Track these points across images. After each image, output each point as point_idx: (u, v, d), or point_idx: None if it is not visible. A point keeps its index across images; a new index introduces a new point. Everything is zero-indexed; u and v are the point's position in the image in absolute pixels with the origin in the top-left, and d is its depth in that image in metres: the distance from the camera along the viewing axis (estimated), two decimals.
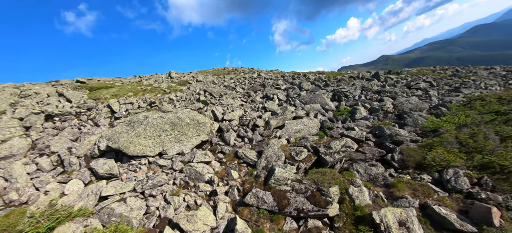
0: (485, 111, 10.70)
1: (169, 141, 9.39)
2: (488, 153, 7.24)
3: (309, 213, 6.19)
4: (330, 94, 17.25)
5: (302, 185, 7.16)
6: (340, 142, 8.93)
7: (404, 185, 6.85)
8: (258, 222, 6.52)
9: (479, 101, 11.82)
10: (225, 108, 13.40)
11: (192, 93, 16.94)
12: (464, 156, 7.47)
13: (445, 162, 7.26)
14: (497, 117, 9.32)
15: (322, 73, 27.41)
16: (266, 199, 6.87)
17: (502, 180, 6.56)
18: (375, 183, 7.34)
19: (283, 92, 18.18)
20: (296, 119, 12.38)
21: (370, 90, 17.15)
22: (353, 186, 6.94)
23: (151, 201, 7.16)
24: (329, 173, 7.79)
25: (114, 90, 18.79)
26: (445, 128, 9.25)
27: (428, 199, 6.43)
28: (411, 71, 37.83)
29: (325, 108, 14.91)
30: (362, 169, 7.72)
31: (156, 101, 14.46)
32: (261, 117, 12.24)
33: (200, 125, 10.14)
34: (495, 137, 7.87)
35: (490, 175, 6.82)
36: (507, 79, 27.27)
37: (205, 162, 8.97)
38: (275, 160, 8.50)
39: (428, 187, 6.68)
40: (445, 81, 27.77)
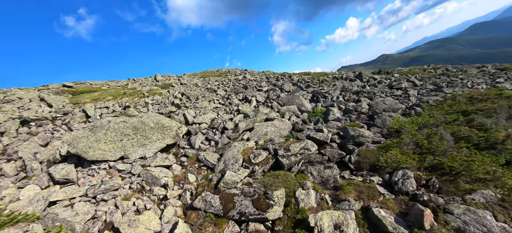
0: (452, 111, 10.62)
1: (132, 146, 9.40)
2: (440, 154, 7.18)
3: (250, 217, 6.16)
4: (309, 95, 17.22)
5: (251, 188, 7.14)
6: (299, 144, 8.90)
7: (351, 188, 6.80)
8: (202, 226, 6.50)
9: (450, 101, 11.75)
10: (198, 111, 13.41)
11: (169, 97, 16.99)
12: (417, 157, 7.41)
13: (396, 163, 7.20)
14: (459, 117, 9.24)
15: (307, 74, 27.34)
16: (213, 202, 6.84)
17: (449, 182, 6.50)
18: (325, 186, 7.29)
19: (264, 94, 18.17)
20: (267, 121, 12.36)
21: (350, 91, 17.09)
22: (301, 189, 6.90)
23: (101, 205, 7.16)
24: (283, 175, 7.76)
25: (97, 94, 18.88)
26: (407, 129, 9.19)
27: (372, 201, 6.37)
28: (401, 71, 37.72)
29: (301, 109, 14.87)
30: (316, 172, 7.68)
31: (131, 105, 14.51)
32: (232, 120, 12.22)
33: (165, 129, 10.15)
34: (450, 138, 7.80)
35: (439, 177, 6.76)
36: (494, 77, 27.14)
37: (165, 166, 8.96)
38: (232, 163, 8.48)
39: (374, 189, 6.63)
40: (432, 80, 27.66)
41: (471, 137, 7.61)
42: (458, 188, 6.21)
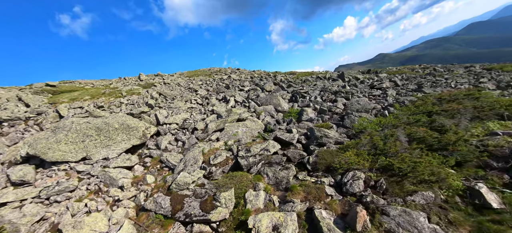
0: (418, 111, 10.68)
1: (95, 147, 9.34)
2: (392, 156, 7.21)
3: (194, 218, 6.16)
4: (289, 95, 17.22)
5: (203, 190, 7.13)
6: (261, 145, 8.90)
7: (300, 189, 6.81)
8: (149, 227, 6.49)
9: (420, 101, 11.81)
10: (171, 111, 13.37)
11: (146, 97, 16.90)
12: (371, 158, 7.44)
13: (349, 165, 7.22)
14: (421, 118, 9.29)
15: (293, 73, 27.35)
16: (163, 204, 6.83)
17: (396, 183, 6.54)
18: (278, 187, 7.30)
19: (245, 93, 18.14)
20: (239, 122, 12.34)
21: (329, 91, 17.12)
22: (252, 190, 6.91)
23: (53, 207, 7.11)
24: (239, 176, 7.76)
25: (76, 94, 18.72)
26: (368, 130, 9.22)
27: (319, 202, 6.40)
28: (390, 70, 37.86)
29: (278, 109, 14.88)
30: (271, 173, 7.68)
31: (105, 106, 14.42)
32: (204, 120, 12.19)
33: (131, 129, 10.10)
34: (405, 139, 7.84)
35: (387, 178, 6.80)
36: (478, 77, 27.36)
37: (127, 167, 8.92)
38: (191, 164, 8.46)
39: (322, 191, 6.65)
40: (418, 80, 27.81)
41: (426, 138, 7.66)
42: (403, 189, 6.25)
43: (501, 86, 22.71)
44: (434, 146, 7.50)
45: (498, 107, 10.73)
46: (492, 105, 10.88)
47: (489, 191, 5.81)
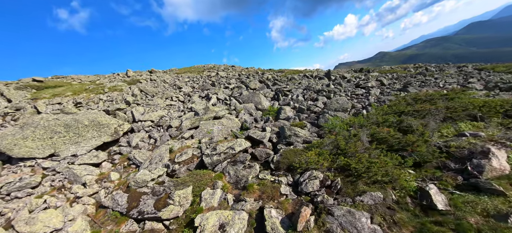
0: (391, 111, 10.68)
1: (63, 143, 9.33)
2: (351, 156, 7.22)
3: (146, 216, 6.18)
4: (272, 93, 17.18)
5: (162, 187, 7.14)
6: (228, 143, 8.90)
7: (256, 188, 6.83)
8: (103, 224, 6.51)
9: (395, 101, 11.80)
10: (149, 108, 13.34)
11: (127, 93, 16.84)
12: (331, 158, 7.45)
13: (307, 164, 7.23)
14: (389, 118, 9.29)
15: (282, 71, 27.26)
16: (120, 201, 6.84)
17: (350, 183, 6.56)
18: (237, 185, 7.31)
19: (229, 91, 18.08)
20: (215, 119, 12.32)
21: (313, 89, 17.08)
22: (209, 189, 6.92)
23: (13, 203, 7.12)
24: (202, 174, 7.78)
25: (60, 89, 18.63)
26: (336, 129, 9.22)
27: (272, 201, 6.42)
28: (383, 69, 37.80)
29: (258, 107, 14.85)
30: (233, 171, 7.69)
31: (84, 102, 14.37)
32: (181, 118, 12.17)
33: (102, 126, 10.08)
34: (366, 140, 7.85)
35: (344, 178, 6.82)
36: (468, 77, 27.37)
37: (94, 164, 8.92)
38: (156, 162, 8.46)
39: (277, 190, 6.68)
40: (407, 80, 27.80)
41: (387, 139, 7.66)
42: (355, 189, 6.27)
43: (488, 87, 22.74)
44: (394, 146, 7.50)
45: (471, 108, 10.74)
46: (465, 106, 10.89)
47: (438, 192, 5.84)
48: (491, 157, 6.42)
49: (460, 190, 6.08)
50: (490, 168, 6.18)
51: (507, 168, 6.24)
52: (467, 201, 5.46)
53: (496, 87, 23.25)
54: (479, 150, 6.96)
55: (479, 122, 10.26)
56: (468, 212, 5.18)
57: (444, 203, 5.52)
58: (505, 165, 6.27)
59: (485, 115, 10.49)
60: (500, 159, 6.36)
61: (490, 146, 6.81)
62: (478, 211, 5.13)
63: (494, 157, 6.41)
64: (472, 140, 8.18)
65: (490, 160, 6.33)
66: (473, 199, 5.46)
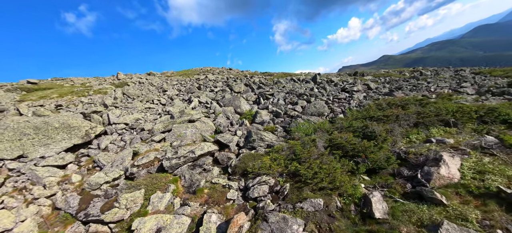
0: (361, 116, 10.58)
1: (32, 145, 9.51)
2: (304, 161, 7.17)
3: (91, 218, 6.23)
4: (255, 97, 17.20)
5: (114, 190, 7.20)
6: (189, 147, 8.94)
7: (204, 192, 6.84)
8: (52, 225, 6.59)
9: (367, 106, 11.69)
10: (126, 111, 13.51)
11: (109, 96, 17.08)
12: (285, 163, 7.40)
13: (260, 169, 7.20)
14: (353, 124, 9.19)
15: (270, 75, 27.30)
16: (72, 203, 6.92)
17: (297, 189, 6.50)
18: (189, 189, 7.31)
19: (214, 94, 18.19)
20: (190, 123, 12.39)
21: (295, 93, 17.04)
22: (159, 192, 6.95)
23: None
24: (160, 178, 7.82)
25: (49, 91, 19.04)
26: (298, 134, 9.17)
27: (217, 206, 6.41)
28: (377, 73, 37.49)
29: (237, 111, 14.88)
30: (188, 175, 7.70)
31: (64, 104, 14.65)
32: (155, 121, 12.28)
33: (72, 129, 10.25)
34: (322, 145, 7.78)
35: (293, 183, 6.76)
36: (461, 82, 26.96)
37: (59, 165, 9.05)
38: (117, 165, 8.54)
39: (224, 195, 6.66)
40: (399, 83, 27.51)
41: (344, 145, 7.57)
42: (300, 195, 6.20)
43: (481, 91, 22.34)
44: (349, 152, 7.41)
45: (444, 113, 10.57)
46: (438, 111, 10.72)
47: (380, 200, 5.73)
48: (441, 165, 6.28)
49: (406, 198, 5.97)
50: (438, 176, 6.04)
51: (457, 177, 6.09)
52: (406, 210, 5.34)
53: (489, 91, 22.83)
54: (431, 157, 6.82)
55: (452, 128, 10.09)
56: (403, 221, 5.06)
57: (383, 212, 5.41)
58: (454, 173, 6.13)
59: (458, 121, 10.31)
60: (450, 167, 6.22)
61: (443, 153, 6.66)
62: (413, 221, 5.01)
63: (444, 165, 6.27)
64: (432, 146, 8.03)
65: (440, 168, 6.19)
66: (413, 208, 5.34)
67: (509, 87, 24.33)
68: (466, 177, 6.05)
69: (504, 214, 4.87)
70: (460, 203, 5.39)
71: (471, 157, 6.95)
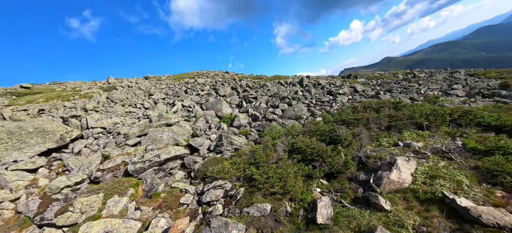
0: (333, 119, 10.56)
1: (5, 149, 9.68)
2: (261, 166, 7.17)
3: (44, 222, 6.31)
4: (239, 100, 17.26)
5: (74, 194, 7.28)
6: (157, 152, 9.00)
7: (160, 196, 6.88)
8: (10, 228, 6.67)
9: (343, 109, 11.67)
10: (106, 115, 13.67)
11: (94, 100, 17.31)
12: (243, 167, 7.42)
13: (217, 173, 7.23)
14: (320, 127, 9.18)
15: (260, 78, 27.42)
16: (32, 206, 7.01)
17: (249, 194, 6.50)
18: (148, 193, 7.35)
19: (199, 98, 18.31)
20: (167, 127, 12.48)
21: (278, 96, 17.07)
22: (116, 196, 7.01)
23: None
24: (122, 182, 7.88)
25: (38, 96, 19.36)
26: (266, 138, 9.18)
27: (170, 211, 6.44)
28: (370, 75, 37.37)
29: (218, 114, 14.95)
30: (150, 179, 7.75)
31: (47, 109, 14.90)
32: (133, 124, 12.41)
33: (47, 133, 10.41)
34: (282, 150, 7.78)
35: (248, 188, 6.76)
36: (452, 84, 26.79)
37: (29, 169, 9.17)
38: (84, 169, 8.64)
39: (177, 199, 6.70)
40: (390, 86, 27.39)
41: (304, 149, 7.56)
42: (250, 200, 6.20)
43: (471, 93, 22.21)
44: (308, 156, 7.40)
45: (418, 116, 10.51)
46: (411, 114, 10.67)
47: (327, 205, 5.71)
48: (394, 169, 6.24)
49: (355, 203, 5.94)
50: (388, 181, 6.01)
51: (408, 181, 6.04)
52: (349, 216, 5.31)
53: (479, 93, 22.69)
54: (387, 162, 6.78)
55: (425, 131, 10.03)
56: (343, 227, 5.04)
57: (327, 217, 5.39)
58: (405, 178, 6.08)
59: (431, 124, 10.24)
60: (402, 172, 6.17)
61: (397, 158, 6.62)
62: (352, 227, 4.98)
63: (396, 169, 6.23)
64: (394, 150, 7.98)
65: (391, 172, 6.15)
66: (355, 214, 5.31)
67: (500, 89, 24.14)
68: (416, 182, 6.00)
69: (443, 220, 4.82)
70: (404, 208, 5.35)
71: (429, 161, 6.90)
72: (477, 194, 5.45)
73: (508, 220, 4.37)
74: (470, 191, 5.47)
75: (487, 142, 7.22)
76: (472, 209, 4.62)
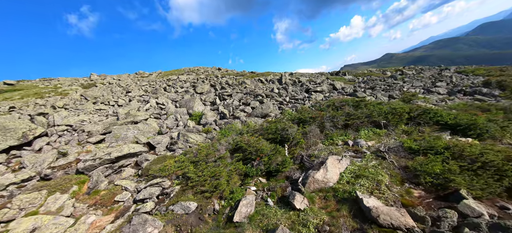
0: (292, 117, 10.64)
1: None
2: (199, 164, 7.29)
3: None
4: (214, 97, 17.33)
5: (18, 192, 7.43)
6: (110, 150, 9.13)
7: (100, 194, 7.03)
8: None
9: (304, 107, 11.72)
10: (75, 113, 13.79)
11: (69, 98, 17.43)
12: (184, 166, 7.53)
13: (158, 171, 7.35)
14: (271, 126, 9.26)
15: (243, 75, 27.38)
16: None
17: (182, 192, 6.63)
18: (91, 191, 7.50)
19: (176, 95, 18.39)
20: (134, 124, 12.60)
21: (252, 94, 17.12)
22: (58, 193, 7.16)
23: None
24: (70, 179, 8.02)
25: (16, 93, 19.50)
26: (218, 136, 9.28)
27: (104, 208, 6.59)
28: (357, 72, 37.23)
29: (189, 112, 15.04)
30: (96, 176, 7.88)
31: (17, 106, 15.05)
32: (100, 122, 12.54)
33: (8, 130, 10.56)
34: (223, 148, 7.88)
35: (183, 186, 6.89)
36: (436, 81, 26.72)
37: None
38: (36, 166, 8.79)
39: (113, 196, 6.84)
40: (375, 83, 27.32)
41: (244, 148, 7.66)
42: (181, 197, 6.34)
43: (453, 91, 22.21)
44: (248, 155, 7.50)
45: (376, 115, 10.57)
46: (370, 113, 10.72)
47: (250, 203, 5.83)
48: (321, 168, 6.34)
49: (279, 201, 6.05)
50: (313, 180, 6.10)
51: (333, 181, 6.13)
52: (264, 214, 5.43)
53: (461, 91, 22.71)
54: (319, 161, 6.87)
55: (383, 129, 10.10)
56: (254, 225, 5.15)
57: (244, 216, 5.51)
58: (331, 177, 6.17)
59: (389, 123, 10.30)
60: (328, 171, 6.26)
61: (329, 157, 6.70)
62: (261, 225, 5.10)
63: (324, 168, 6.32)
64: (337, 150, 8.06)
65: (317, 172, 6.24)
66: (270, 213, 5.42)
67: (482, 87, 24.07)
68: (341, 181, 6.10)
69: (350, 219, 4.93)
70: (319, 207, 5.46)
71: (362, 160, 6.98)
72: (393, 194, 5.55)
73: (403, 221, 4.47)
74: (386, 191, 5.57)
75: (422, 141, 7.28)
76: (374, 209, 4.72)
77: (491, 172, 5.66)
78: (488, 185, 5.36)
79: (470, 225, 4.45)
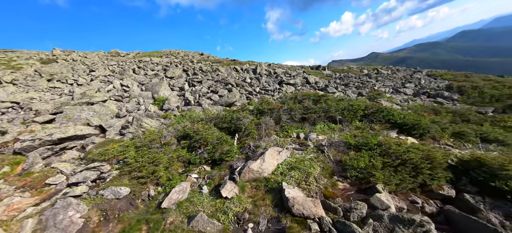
0: (254, 108, 10.73)
1: None
2: (140, 150, 7.17)
3: None
4: (183, 83, 16.91)
5: None
6: (53, 131, 8.66)
7: (30, 176, 6.71)
8: None
9: (264, 99, 11.84)
10: (25, 89, 12.81)
11: (21, 73, 16.04)
12: (127, 151, 7.38)
13: (101, 156, 7.14)
14: (227, 116, 9.29)
15: (220, 62, 26.96)
16: None
17: (119, 177, 6.53)
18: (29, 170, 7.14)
19: (145, 78, 17.65)
20: (89, 105, 11.98)
21: (223, 82, 16.92)
22: None
23: None
24: (2, 159, 7.55)
25: None
26: (169, 123, 9.16)
27: (33, 191, 6.32)
28: (337, 68, 38.13)
29: (154, 96, 14.59)
30: (32, 157, 7.48)
31: None
32: (52, 101, 11.78)
33: None
34: (170, 135, 7.82)
35: (122, 171, 6.78)
36: (405, 82, 28.09)
37: None
38: None
39: (44, 179, 6.58)
40: (349, 80, 28.20)
41: (191, 136, 7.64)
42: (115, 182, 6.24)
43: (418, 93, 23.49)
44: (194, 143, 7.51)
45: (333, 111, 10.92)
46: (328, 108, 11.06)
47: (182, 190, 5.88)
48: (258, 159, 6.52)
49: (213, 190, 6.17)
50: (248, 170, 6.26)
51: (268, 171, 6.32)
52: (192, 202, 5.52)
53: (425, 93, 24.07)
54: (260, 152, 7.07)
55: (338, 125, 10.50)
56: (179, 212, 5.23)
57: (173, 202, 5.57)
58: (266, 168, 6.35)
59: (345, 118, 10.73)
60: (265, 162, 6.43)
61: (268, 149, 6.90)
62: (185, 212, 5.19)
63: (261, 159, 6.50)
64: (283, 142, 8.32)
65: (253, 162, 6.40)
66: (198, 200, 5.53)
67: (444, 91, 25.70)
68: (276, 172, 6.32)
69: (270, 208, 5.16)
70: (248, 196, 5.66)
71: (302, 153, 7.28)
72: (319, 186, 5.87)
73: (314, 211, 4.77)
74: (313, 183, 5.88)
75: (361, 138, 7.71)
76: (291, 199, 4.98)
77: (409, 169, 6.13)
78: (403, 181, 5.82)
79: (375, 216, 4.83)
